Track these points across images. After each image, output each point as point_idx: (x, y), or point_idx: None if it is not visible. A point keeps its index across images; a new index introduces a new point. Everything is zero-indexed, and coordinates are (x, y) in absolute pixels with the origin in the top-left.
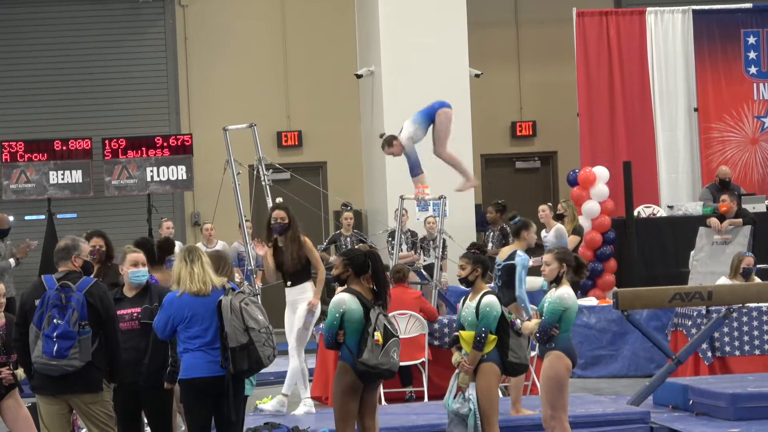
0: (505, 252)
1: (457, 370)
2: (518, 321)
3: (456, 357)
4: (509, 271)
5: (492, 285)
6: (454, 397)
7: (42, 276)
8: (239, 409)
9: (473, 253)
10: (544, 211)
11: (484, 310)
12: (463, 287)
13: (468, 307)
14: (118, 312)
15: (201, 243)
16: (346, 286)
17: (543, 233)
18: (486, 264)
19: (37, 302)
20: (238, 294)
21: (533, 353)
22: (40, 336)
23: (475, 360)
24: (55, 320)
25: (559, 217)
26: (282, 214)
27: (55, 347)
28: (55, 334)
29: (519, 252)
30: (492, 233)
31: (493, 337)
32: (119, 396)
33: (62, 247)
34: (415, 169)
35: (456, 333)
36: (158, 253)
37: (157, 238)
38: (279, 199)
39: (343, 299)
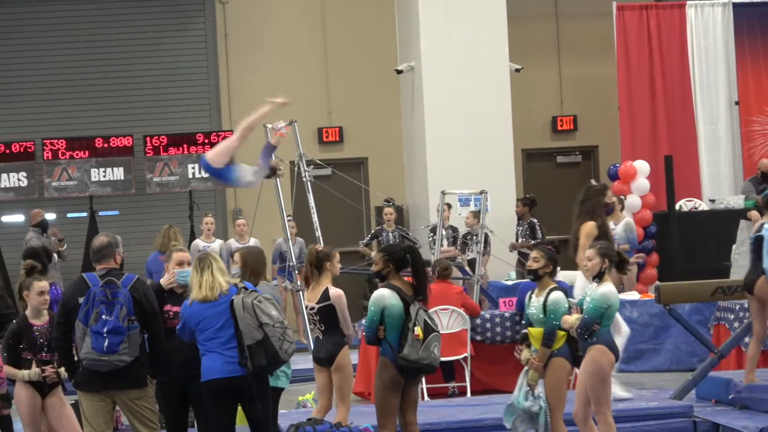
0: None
1: (526, 367)
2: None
3: (525, 354)
4: (758, 242)
5: (560, 281)
6: (524, 395)
7: (83, 274)
8: (266, 405)
9: (549, 249)
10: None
11: (552, 306)
12: (506, 281)
13: (535, 304)
14: (169, 306)
15: (234, 239)
16: (386, 282)
17: (611, 226)
18: (557, 262)
19: (80, 300)
20: (251, 292)
21: None
22: (88, 333)
23: (545, 357)
24: (103, 316)
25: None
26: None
27: (106, 343)
28: (105, 329)
29: (767, 225)
30: (520, 227)
31: (562, 333)
32: (166, 391)
33: (104, 245)
34: (268, 153)
35: (524, 330)
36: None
37: (198, 234)
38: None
39: (384, 295)
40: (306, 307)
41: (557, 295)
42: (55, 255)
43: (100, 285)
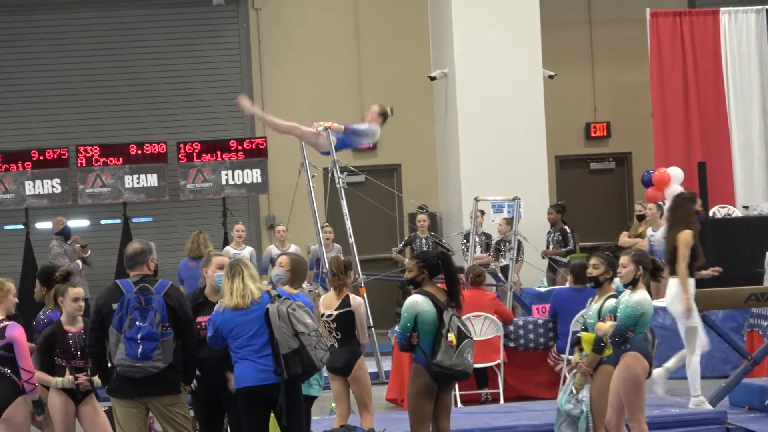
0: None
1: (574, 371)
2: None
3: (575, 357)
4: None
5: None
6: (567, 398)
7: (117, 280)
8: (299, 413)
9: (608, 255)
10: (651, 210)
11: (606, 313)
12: (539, 288)
13: (592, 310)
14: (201, 317)
15: (274, 245)
16: (419, 289)
17: (650, 232)
18: (616, 268)
19: (114, 306)
20: (284, 300)
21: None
22: (121, 339)
23: (594, 362)
24: (137, 323)
25: (640, 218)
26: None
27: (140, 349)
28: (139, 336)
29: None
30: (552, 234)
31: None
32: (202, 400)
33: (138, 251)
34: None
35: (578, 334)
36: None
37: (231, 241)
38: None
39: (417, 301)
40: (322, 315)
41: (612, 303)
42: (78, 262)
43: (134, 291)
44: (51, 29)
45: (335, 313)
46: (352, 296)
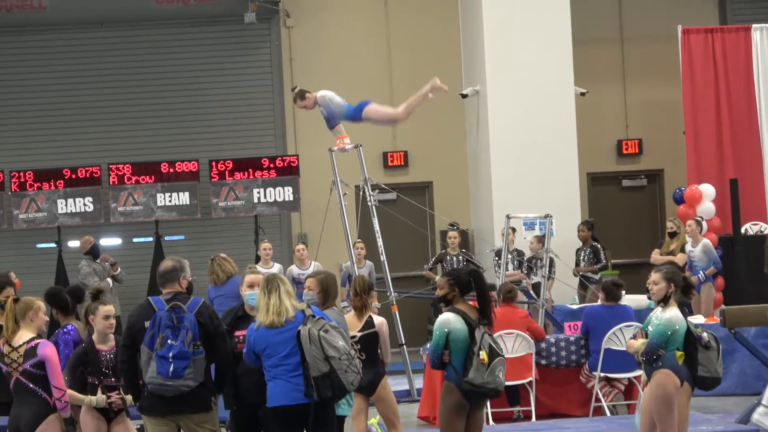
0: None
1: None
2: (705, 335)
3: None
4: None
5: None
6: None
7: (149, 297)
8: None
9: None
10: (690, 225)
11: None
12: (571, 305)
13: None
14: (240, 331)
15: (295, 265)
16: (451, 306)
17: (689, 247)
18: (679, 281)
19: (146, 324)
20: (317, 321)
21: (640, 372)
22: (153, 357)
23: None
24: (169, 341)
25: (672, 235)
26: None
27: (171, 368)
28: (170, 354)
29: None
30: (583, 251)
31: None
32: (239, 416)
33: (170, 269)
34: (331, 121)
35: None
36: (71, 302)
37: (253, 260)
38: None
39: (448, 319)
40: None
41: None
42: (109, 280)
43: (165, 309)
44: (83, 48)
45: (359, 334)
46: (375, 316)
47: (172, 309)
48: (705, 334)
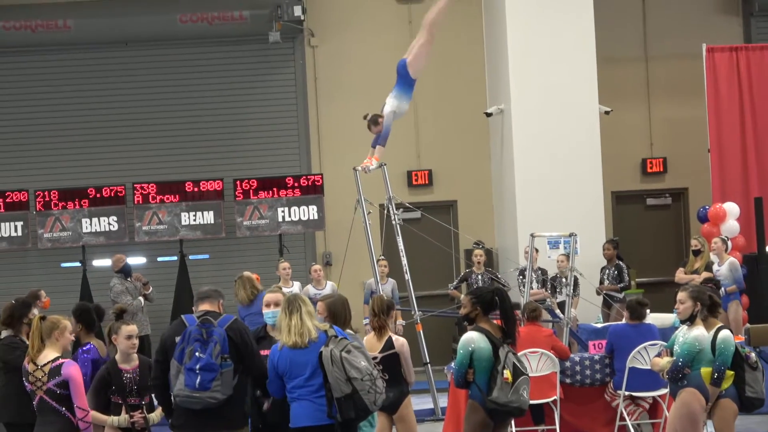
0: None
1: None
2: (753, 355)
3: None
4: None
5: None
6: None
7: (183, 315)
8: None
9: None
10: (716, 243)
11: (721, 346)
12: (595, 323)
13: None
14: (263, 352)
15: (311, 285)
16: (475, 325)
17: (715, 266)
18: (705, 300)
19: (177, 339)
20: (340, 341)
21: (665, 391)
22: (182, 370)
23: (713, 396)
24: (197, 353)
25: (696, 253)
26: None
27: (198, 379)
28: (197, 366)
29: None
30: (608, 270)
31: (730, 372)
32: None
33: (209, 289)
34: (379, 140)
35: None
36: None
37: (277, 279)
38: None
39: (472, 338)
40: None
41: (725, 334)
42: (141, 299)
43: (196, 324)
44: (108, 67)
45: (380, 356)
46: (394, 337)
47: (202, 323)
48: (753, 355)
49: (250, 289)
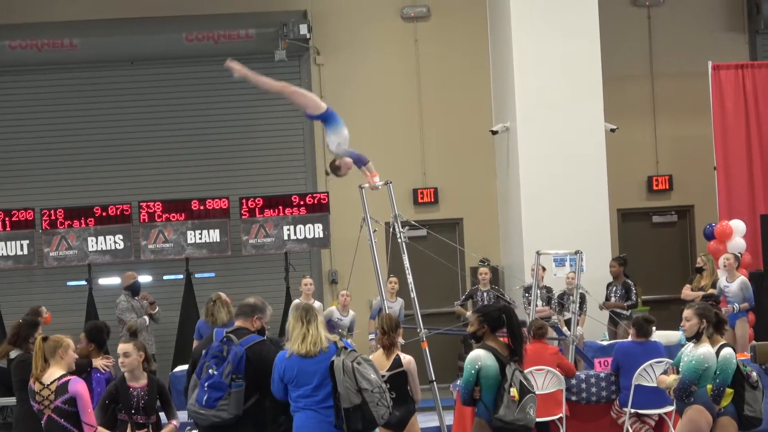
0: None
1: None
2: (754, 374)
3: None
4: None
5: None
6: None
7: (215, 329)
8: None
9: (708, 302)
10: (728, 260)
11: (722, 364)
12: (601, 341)
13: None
14: None
15: (336, 308)
16: (481, 343)
17: (725, 283)
18: (711, 317)
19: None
20: (350, 353)
21: (671, 408)
22: (198, 385)
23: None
24: (210, 370)
25: (699, 271)
26: None
27: (205, 396)
28: (207, 383)
29: None
30: (614, 287)
31: (730, 390)
32: None
33: (249, 304)
34: (359, 162)
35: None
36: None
37: (295, 296)
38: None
39: (479, 356)
40: None
41: (726, 352)
42: (146, 318)
43: (220, 340)
44: (114, 86)
45: (388, 374)
46: (402, 355)
47: (224, 341)
48: (754, 374)
49: (226, 314)
